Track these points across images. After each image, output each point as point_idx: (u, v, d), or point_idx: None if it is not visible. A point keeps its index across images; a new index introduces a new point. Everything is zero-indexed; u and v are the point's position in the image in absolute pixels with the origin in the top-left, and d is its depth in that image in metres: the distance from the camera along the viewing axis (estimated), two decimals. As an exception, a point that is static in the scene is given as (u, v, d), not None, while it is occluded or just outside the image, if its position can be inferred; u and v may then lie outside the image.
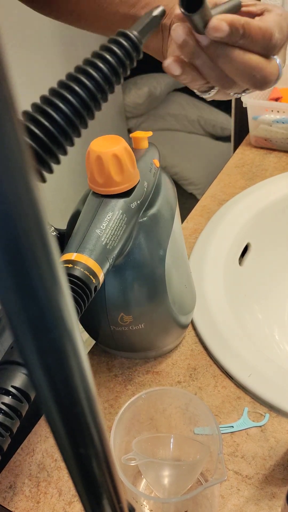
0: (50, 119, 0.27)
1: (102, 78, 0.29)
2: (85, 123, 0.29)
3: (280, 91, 1.03)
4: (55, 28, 1.57)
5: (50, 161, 0.27)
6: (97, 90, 0.29)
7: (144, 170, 0.47)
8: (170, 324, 0.54)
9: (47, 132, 0.26)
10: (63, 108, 0.27)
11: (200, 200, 0.85)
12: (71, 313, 0.14)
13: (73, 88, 0.28)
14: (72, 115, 0.27)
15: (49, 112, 0.27)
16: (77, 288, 0.37)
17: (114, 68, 0.30)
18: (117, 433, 0.43)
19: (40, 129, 0.26)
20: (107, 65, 0.30)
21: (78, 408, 0.15)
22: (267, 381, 0.54)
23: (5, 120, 0.10)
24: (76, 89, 0.28)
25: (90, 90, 0.28)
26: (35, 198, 0.12)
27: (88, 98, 0.28)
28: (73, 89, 0.28)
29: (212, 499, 0.45)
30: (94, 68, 0.29)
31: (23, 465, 0.51)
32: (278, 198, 0.81)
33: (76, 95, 0.28)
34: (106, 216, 0.43)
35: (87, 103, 0.28)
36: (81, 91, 0.28)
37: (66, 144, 0.27)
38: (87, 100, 0.28)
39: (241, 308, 0.68)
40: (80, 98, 0.28)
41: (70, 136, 0.27)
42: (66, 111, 0.27)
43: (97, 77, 0.29)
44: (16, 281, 0.12)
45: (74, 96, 0.28)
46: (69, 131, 0.27)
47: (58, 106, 0.27)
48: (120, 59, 0.30)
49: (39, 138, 0.26)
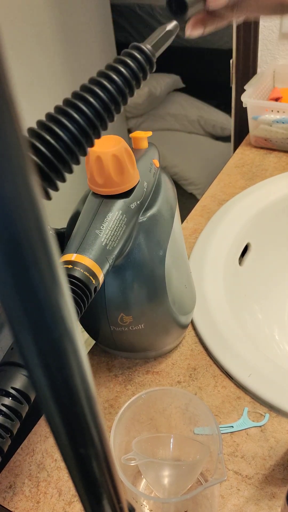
0: (57, 137, 0.27)
1: (116, 90, 0.29)
2: (98, 134, 0.29)
3: (280, 91, 1.03)
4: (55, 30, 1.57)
5: (55, 179, 0.27)
6: (111, 101, 0.29)
7: (143, 170, 0.47)
8: (170, 324, 0.54)
9: (54, 150, 0.26)
10: (74, 121, 0.27)
11: (200, 200, 0.85)
12: (71, 313, 0.14)
13: (94, 93, 0.28)
14: (87, 126, 0.28)
15: (56, 130, 0.27)
16: (77, 289, 0.37)
17: (127, 80, 0.30)
18: (117, 433, 0.43)
19: (46, 147, 0.26)
20: (121, 77, 0.30)
21: (78, 408, 0.15)
22: (267, 381, 0.54)
23: (5, 120, 0.11)
24: (96, 95, 0.28)
25: (104, 100, 0.29)
26: (35, 198, 0.12)
27: (109, 103, 0.29)
28: (94, 94, 0.28)
29: (212, 499, 0.45)
30: (108, 79, 0.29)
31: (23, 465, 0.51)
32: (278, 198, 0.81)
33: (96, 100, 0.28)
34: (105, 216, 0.43)
35: (109, 106, 0.29)
36: (101, 96, 0.29)
37: (72, 162, 0.27)
38: (109, 103, 0.29)
39: (241, 308, 0.68)
40: (101, 101, 0.28)
41: (76, 155, 0.28)
42: (79, 123, 0.27)
43: (111, 89, 0.29)
44: (16, 281, 0.12)
45: (96, 100, 0.28)
46: (75, 150, 0.27)
47: (65, 124, 0.27)
48: (134, 72, 0.31)
49: (46, 156, 0.26)
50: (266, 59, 1.08)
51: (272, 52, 1.07)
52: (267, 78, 1.04)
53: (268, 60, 1.08)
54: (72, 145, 0.27)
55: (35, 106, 1.59)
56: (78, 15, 1.66)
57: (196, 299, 0.60)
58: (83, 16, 1.68)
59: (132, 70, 0.30)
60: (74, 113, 0.27)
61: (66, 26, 1.60)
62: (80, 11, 1.66)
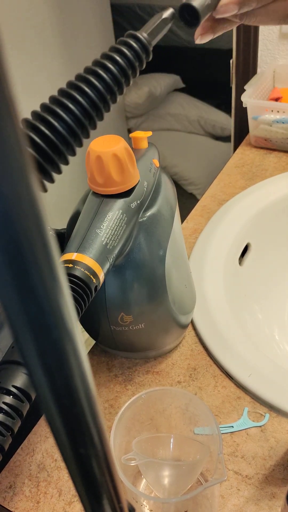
0: (59, 120, 0.27)
1: (111, 79, 0.29)
2: (94, 124, 0.29)
3: (280, 91, 1.03)
4: (55, 30, 1.57)
5: (51, 171, 0.27)
6: (106, 90, 0.29)
7: (143, 170, 0.47)
8: (170, 324, 0.54)
9: (49, 141, 0.26)
10: (69, 112, 0.27)
11: (200, 200, 0.85)
12: (71, 313, 0.14)
13: (89, 83, 0.28)
14: (82, 116, 0.27)
15: (51, 121, 0.27)
16: (77, 288, 0.37)
17: (123, 70, 0.30)
18: (117, 433, 0.43)
19: (41, 138, 0.26)
20: (116, 66, 0.29)
21: (78, 408, 0.15)
22: (267, 381, 0.54)
23: (5, 119, 0.10)
24: (91, 85, 0.28)
25: (100, 90, 0.29)
26: (35, 198, 0.12)
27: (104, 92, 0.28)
28: (89, 83, 0.28)
29: (212, 499, 0.45)
30: (103, 68, 0.29)
31: (23, 465, 0.51)
32: (278, 198, 0.81)
33: (91, 90, 0.28)
34: (106, 216, 0.43)
35: (105, 96, 0.28)
36: (96, 86, 0.28)
37: (67, 153, 0.27)
38: (104, 93, 0.28)
39: (241, 308, 0.68)
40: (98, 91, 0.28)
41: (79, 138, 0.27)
42: (74, 113, 0.27)
43: (106, 78, 0.29)
44: (16, 281, 0.12)
45: (92, 89, 0.28)
46: (79, 132, 0.27)
47: (60, 114, 0.27)
48: (130, 60, 0.30)
49: (41, 147, 0.26)
50: (266, 59, 1.08)
51: (272, 52, 1.07)
52: (267, 78, 1.04)
53: (268, 60, 1.08)
54: (67, 135, 0.27)
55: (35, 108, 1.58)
56: (78, 15, 1.66)
57: (196, 299, 0.60)
58: (83, 16, 1.68)
59: (127, 59, 0.30)
60: (69, 103, 0.27)
61: (66, 26, 1.60)
62: (80, 11, 1.66)
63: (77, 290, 0.37)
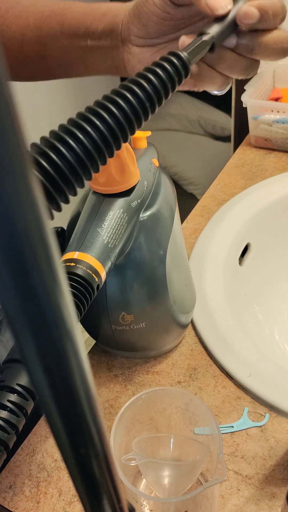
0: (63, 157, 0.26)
1: (160, 84, 0.31)
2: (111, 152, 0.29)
3: (280, 91, 1.03)
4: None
5: (59, 199, 0.26)
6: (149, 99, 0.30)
7: (143, 170, 0.47)
8: (170, 323, 0.54)
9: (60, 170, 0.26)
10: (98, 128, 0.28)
11: (200, 200, 0.85)
12: (71, 313, 0.14)
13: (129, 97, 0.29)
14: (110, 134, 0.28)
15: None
16: (80, 286, 0.37)
17: (163, 82, 0.31)
18: (117, 433, 0.43)
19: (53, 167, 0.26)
20: (158, 79, 0.31)
21: (78, 408, 0.15)
22: (267, 381, 0.54)
23: (5, 117, 0.10)
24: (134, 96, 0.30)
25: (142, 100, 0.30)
26: (35, 198, 0.12)
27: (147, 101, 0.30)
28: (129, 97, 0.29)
29: (212, 499, 0.45)
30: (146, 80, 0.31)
31: (23, 465, 0.51)
32: (278, 198, 0.81)
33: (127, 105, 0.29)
34: (107, 215, 0.43)
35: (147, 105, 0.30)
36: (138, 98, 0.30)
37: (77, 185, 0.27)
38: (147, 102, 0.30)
39: (241, 308, 0.68)
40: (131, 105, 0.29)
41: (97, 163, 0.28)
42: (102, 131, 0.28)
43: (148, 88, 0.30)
44: (16, 281, 0.12)
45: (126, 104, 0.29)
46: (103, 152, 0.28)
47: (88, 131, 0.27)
48: (171, 75, 0.32)
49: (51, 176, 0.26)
50: (266, 59, 1.08)
51: (272, 52, 1.07)
52: (267, 78, 1.04)
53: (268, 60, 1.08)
54: (78, 167, 0.27)
55: (36, 109, 1.58)
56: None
57: (196, 298, 0.60)
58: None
59: (168, 74, 0.31)
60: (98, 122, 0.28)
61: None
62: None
63: (79, 289, 0.37)
